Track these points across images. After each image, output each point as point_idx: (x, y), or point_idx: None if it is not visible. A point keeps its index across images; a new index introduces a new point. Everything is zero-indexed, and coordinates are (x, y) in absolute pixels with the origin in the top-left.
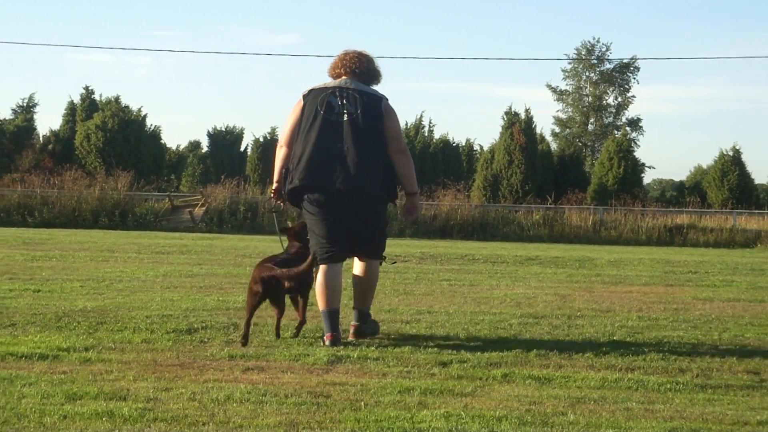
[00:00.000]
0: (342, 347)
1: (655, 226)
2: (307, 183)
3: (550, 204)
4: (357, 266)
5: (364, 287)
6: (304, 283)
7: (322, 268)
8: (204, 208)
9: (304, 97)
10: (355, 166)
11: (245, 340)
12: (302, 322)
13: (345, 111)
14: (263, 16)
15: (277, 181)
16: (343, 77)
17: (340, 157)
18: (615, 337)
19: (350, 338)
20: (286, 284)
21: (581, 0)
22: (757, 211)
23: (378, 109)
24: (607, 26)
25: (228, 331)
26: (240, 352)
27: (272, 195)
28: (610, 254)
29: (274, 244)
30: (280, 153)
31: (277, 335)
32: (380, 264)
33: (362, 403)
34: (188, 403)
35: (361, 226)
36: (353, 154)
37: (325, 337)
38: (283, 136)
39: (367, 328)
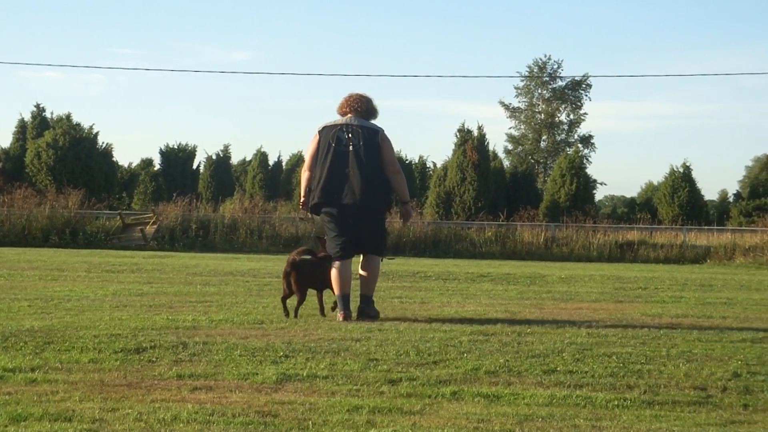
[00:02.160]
0: (293, 365)
1: (606, 242)
2: (323, 200)
3: (503, 221)
4: (363, 261)
5: (368, 277)
6: (321, 279)
7: (335, 263)
8: (155, 226)
9: (320, 132)
10: (358, 186)
11: (286, 314)
12: (321, 309)
13: (351, 143)
14: (218, 32)
15: (304, 196)
16: (349, 115)
17: (348, 179)
18: (564, 354)
19: (355, 318)
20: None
21: (533, 18)
22: (706, 227)
23: (376, 140)
24: (558, 44)
25: (177, 350)
26: (188, 372)
27: (301, 208)
28: (562, 271)
29: (225, 261)
30: (304, 176)
31: (295, 315)
32: (381, 260)
33: (310, 423)
34: (134, 424)
35: (365, 231)
36: (357, 177)
37: (338, 315)
38: (306, 163)
39: (370, 310)
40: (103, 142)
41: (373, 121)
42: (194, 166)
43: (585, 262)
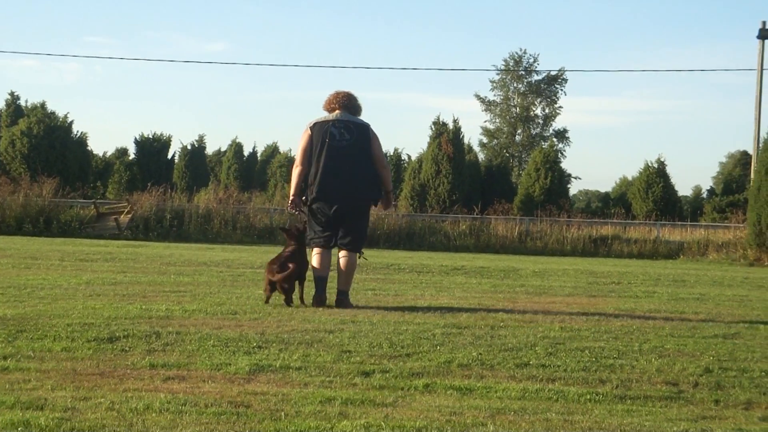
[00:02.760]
0: (266, 356)
1: (580, 236)
2: (321, 193)
3: (477, 214)
4: (341, 257)
5: (346, 273)
6: (303, 273)
7: (316, 250)
8: (130, 216)
9: (311, 128)
10: (354, 178)
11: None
12: (301, 298)
13: (344, 138)
14: (193, 23)
15: (293, 194)
16: (337, 111)
17: (343, 173)
18: (537, 348)
19: (334, 306)
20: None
21: (509, 11)
22: (680, 222)
23: (367, 136)
24: (534, 38)
25: (150, 340)
26: (161, 361)
27: (290, 205)
28: (535, 264)
29: (199, 252)
30: (296, 171)
31: (300, 302)
32: (358, 257)
33: (282, 413)
34: (106, 413)
35: (349, 224)
36: (353, 171)
37: (313, 298)
38: (298, 158)
39: (346, 302)
40: (77, 131)
41: (359, 117)
42: (169, 156)
43: (559, 257)
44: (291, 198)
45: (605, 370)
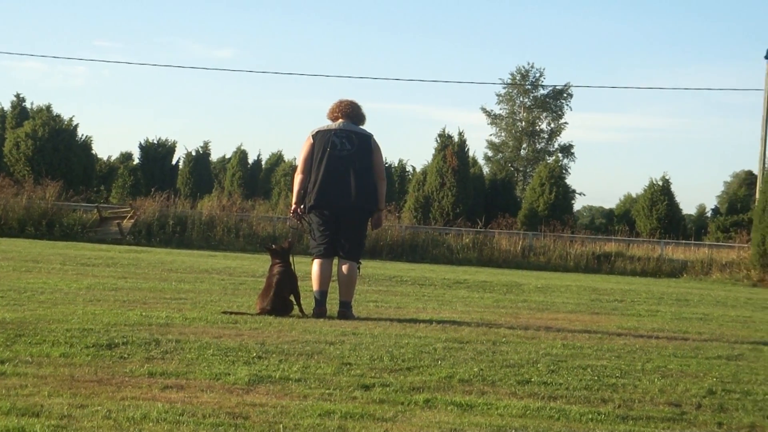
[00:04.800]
0: (265, 367)
1: (584, 252)
2: (320, 201)
3: (480, 228)
4: (341, 267)
5: (348, 283)
6: (293, 287)
7: (316, 261)
8: (133, 221)
9: (313, 136)
10: (353, 189)
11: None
12: (300, 310)
13: (345, 148)
14: (201, 29)
15: (295, 203)
16: (340, 120)
17: (342, 182)
18: (539, 365)
19: (338, 318)
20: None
21: (517, 26)
22: (684, 241)
23: (369, 145)
24: (541, 53)
25: (149, 347)
26: (160, 369)
27: (291, 214)
28: (538, 280)
29: (201, 259)
30: (298, 179)
31: (300, 314)
32: (357, 267)
33: (281, 426)
34: (103, 422)
35: (349, 233)
36: (352, 179)
37: (314, 310)
38: (300, 166)
39: (349, 314)
40: (82, 135)
41: (362, 127)
42: (173, 162)
43: (562, 272)
44: (293, 207)
45: (607, 389)
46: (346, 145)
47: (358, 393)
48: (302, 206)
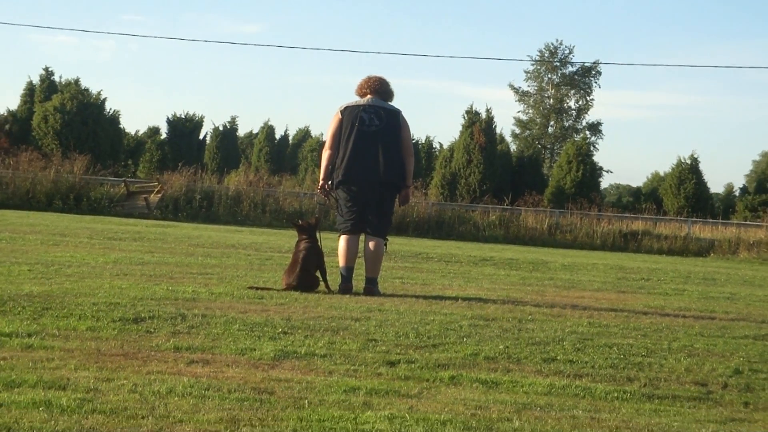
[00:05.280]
0: (291, 342)
1: (610, 231)
2: (347, 177)
3: (507, 205)
4: (368, 243)
5: (374, 259)
6: (320, 263)
7: (343, 237)
8: (160, 195)
9: (341, 112)
10: (382, 164)
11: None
12: (327, 286)
13: (374, 123)
14: (230, 4)
15: (323, 179)
16: (368, 96)
17: (370, 157)
18: (564, 343)
19: (364, 294)
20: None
21: (546, 2)
22: (711, 220)
23: (397, 121)
24: (570, 29)
25: (175, 322)
26: (186, 344)
27: (319, 190)
28: (564, 258)
29: (228, 234)
30: (325, 155)
31: (327, 290)
32: (384, 244)
33: (306, 402)
34: (129, 395)
35: (376, 209)
36: (381, 154)
37: (339, 286)
38: (327, 142)
39: (375, 290)
40: (110, 109)
41: (390, 103)
42: (201, 137)
43: (588, 250)
44: (320, 183)
45: (633, 367)
46: (374, 120)
47: (384, 369)
48: (329, 182)
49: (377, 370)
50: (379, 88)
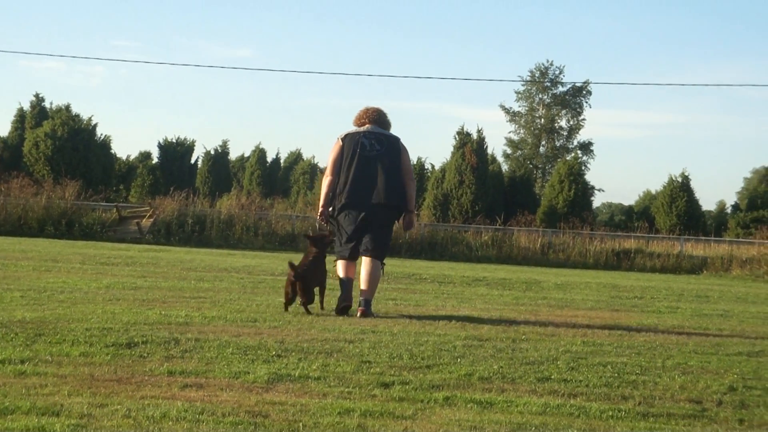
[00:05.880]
0: (284, 365)
1: (603, 249)
2: (350, 201)
3: (500, 225)
4: (364, 264)
5: (369, 281)
6: (321, 279)
7: (340, 262)
8: (152, 220)
9: (342, 139)
10: (384, 186)
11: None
12: (321, 305)
13: (375, 149)
14: (220, 29)
15: (323, 205)
16: (367, 125)
17: (372, 181)
18: (559, 362)
19: (359, 316)
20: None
21: (536, 23)
22: (703, 237)
23: (397, 148)
24: (560, 49)
25: (168, 346)
26: (179, 368)
27: (319, 216)
28: (558, 277)
29: (220, 257)
30: (326, 181)
31: (307, 311)
32: (381, 267)
33: (300, 425)
34: (123, 420)
35: (375, 232)
36: (382, 179)
37: (339, 298)
38: (328, 169)
39: (369, 312)
40: (101, 134)
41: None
42: (192, 161)
43: (581, 269)
44: (320, 210)
45: (628, 386)
46: (375, 145)
47: (378, 391)
48: (330, 208)
49: (371, 392)
50: (378, 119)
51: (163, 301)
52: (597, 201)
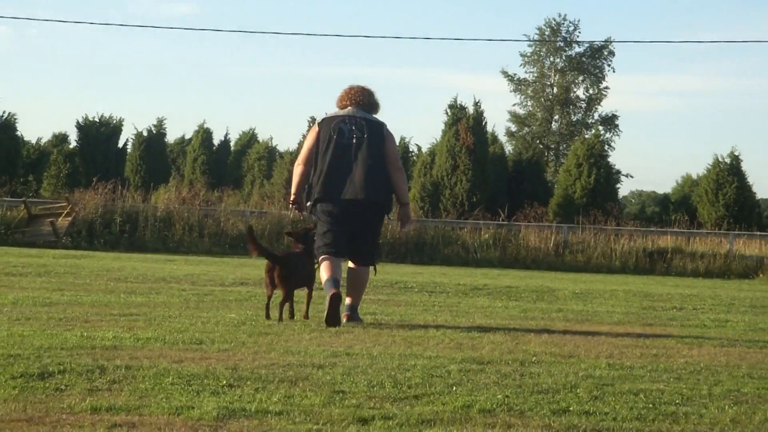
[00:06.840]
0: (238, 397)
1: (632, 249)
2: (324, 195)
3: (503, 220)
4: (351, 269)
5: (358, 287)
6: (309, 274)
7: (324, 259)
8: (70, 219)
9: (319, 124)
10: (362, 180)
11: (268, 317)
12: (306, 313)
13: (354, 135)
14: None
15: (294, 194)
16: (349, 107)
17: (350, 172)
18: (578, 390)
19: (344, 321)
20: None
21: None
22: (759, 233)
23: (381, 134)
24: (575, 1)
25: (92, 376)
26: (106, 404)
27: (292, 206)
28: (576, 284)
29: (157, 264)
30: (298, 170)
31: (279, 317)
32: (373, 271)
33: None
34: None
35: (360, 233)
36: (360, 170)
37: (327, 295)
38: (301, 156)
39: (356, 317)
40: (4, 112)
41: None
42: (120, 145)
43: (605, 274)
44: (292, 197)
45: (666, 419)
46: (354, 132)
47: (354, 428)
48: (308, 203)
49: (346, 429)
50: (362, 100)
51: (85, 320)
52: (624, 189)
